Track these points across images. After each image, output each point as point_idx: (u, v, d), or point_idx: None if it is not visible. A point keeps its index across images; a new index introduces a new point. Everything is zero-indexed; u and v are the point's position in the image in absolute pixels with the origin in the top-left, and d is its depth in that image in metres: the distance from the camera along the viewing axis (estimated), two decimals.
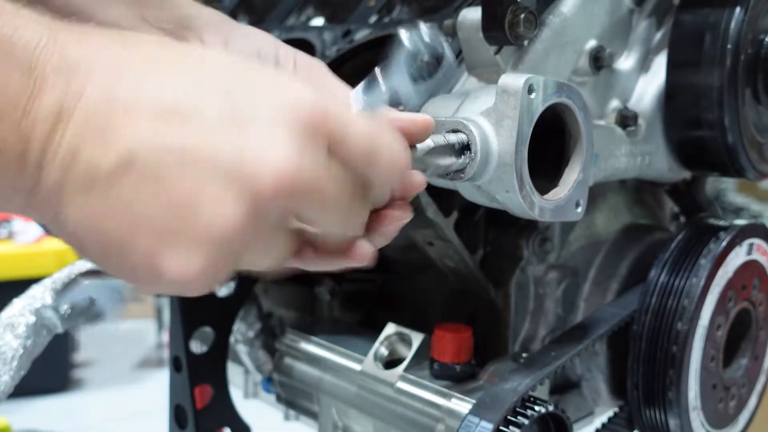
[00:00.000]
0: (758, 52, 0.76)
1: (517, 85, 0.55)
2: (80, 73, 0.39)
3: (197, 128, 0.39)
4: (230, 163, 0.39)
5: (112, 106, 0.39)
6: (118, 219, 0.40)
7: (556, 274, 0.81)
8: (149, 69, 0.41)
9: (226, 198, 0.39)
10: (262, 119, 0.40)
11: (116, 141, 0.39)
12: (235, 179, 0.39)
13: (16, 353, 0.76)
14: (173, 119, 0.39)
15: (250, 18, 1.03)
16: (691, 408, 0.77)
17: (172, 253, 0.40)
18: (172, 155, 0.39)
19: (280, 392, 0.91)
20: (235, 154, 0.39)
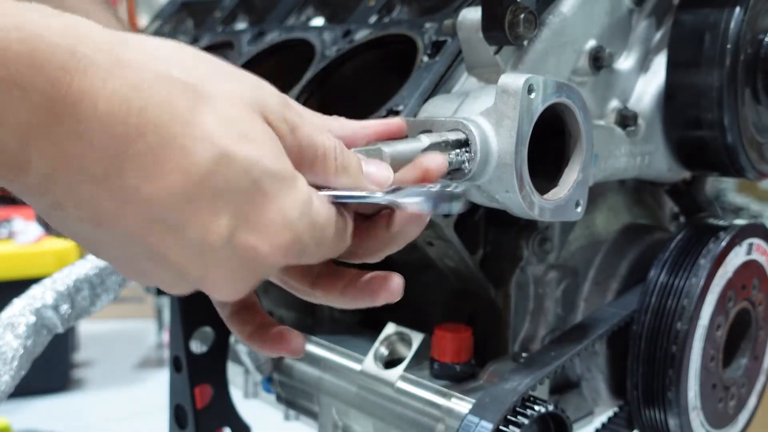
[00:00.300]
0: (758, 52, 0.76)
1: (517, 85, 0.55)
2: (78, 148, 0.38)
3: (176, 243, 0.41)
4: (193, 280, 0.43)
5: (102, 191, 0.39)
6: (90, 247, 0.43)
7: (556, 274, 0.81)
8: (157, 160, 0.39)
9: (180, 288, 0.44)
10: (238, 254, 0.42)
11: (99, 220, 0.40)
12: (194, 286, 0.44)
13: (17, 353, 0.76)
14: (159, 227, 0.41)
15: (250, 18, 1.04)
16: (690, 408, 0.77)
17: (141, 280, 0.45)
18: (148, 251, 0.41)
19: (280, 392, 0.91)
20: (201, 276, 0.42)
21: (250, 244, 0.42)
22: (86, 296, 0.83)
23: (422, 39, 0.73)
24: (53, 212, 0.41)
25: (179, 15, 1.12)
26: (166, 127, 0.39)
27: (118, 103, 0.38)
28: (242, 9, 1.03)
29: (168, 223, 0.40)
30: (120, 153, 0.38)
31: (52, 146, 0.37)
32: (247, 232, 0.42)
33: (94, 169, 0.38)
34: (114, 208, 0.39)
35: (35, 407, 2.80)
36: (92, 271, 0.85)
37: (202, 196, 0.40)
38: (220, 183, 0.40)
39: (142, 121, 0.38)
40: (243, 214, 0.41)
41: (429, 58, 0.71)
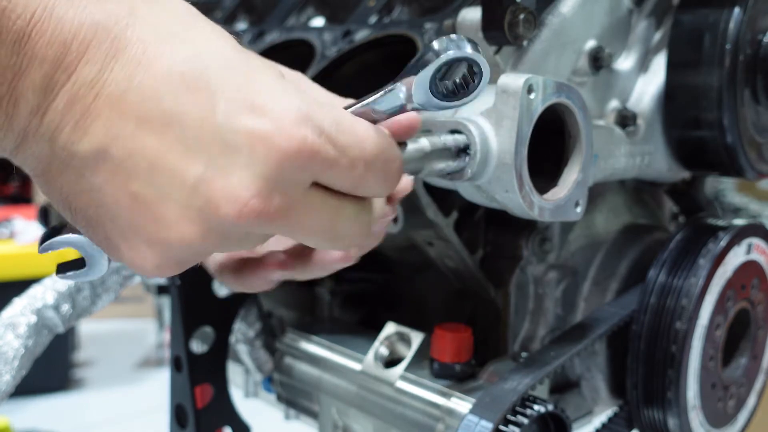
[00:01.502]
0: (757, 52, 0.76)
1: (517, 85, 0.55)
2: (71, 52, 0.38)
3: (175, 141, 0.39)
4: (195, 187, 0.39)
5: (97, 93, 0.39)
6: (85, 200, 0.41)
7: (556, 273, 0.81)
8: (144, 54, 0.39)
9: (184, 216, 0.40)
10: (240, 145, 0.39)
11: (94, 132, 0.39)
12: (197, 203, 0.39)
13: (18, 353, 0.77)
14: (153, 124, 0.39)
15: (250, 18, 1.04)
16: (690, 407, 0.77)
17: (129, 245, 0.41)
18: (145, 161, 0.39)
19: (280, 391, 0.91)
20: (203, 178, 0.39)
21: (253, 125, 0.39)
22: (87, 296, 0.83)
23: (422, 39, 0.73)
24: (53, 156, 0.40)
25: None
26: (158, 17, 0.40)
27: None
28: (242, 9, 1.04)
29: (163, 114, 0.39)
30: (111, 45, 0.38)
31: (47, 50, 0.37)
32: (248, 112, 0.39)
33: (88, 67, 0.38)
34: (108, 110, 0.39)
35: (35, 407, 2.80)
36: None
37: (195, 79, 0.39)
38: (214, 64, 0.40)
39: (133, 11, 0.39)
40: (241, 94, 0.40)
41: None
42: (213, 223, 0.40)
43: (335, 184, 0.42)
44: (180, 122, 0.39)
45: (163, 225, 0.40)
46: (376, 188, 0.44)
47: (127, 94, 0.39)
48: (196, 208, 0.39)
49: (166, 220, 0.40)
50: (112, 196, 0.40)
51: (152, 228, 0.40)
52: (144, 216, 0.40)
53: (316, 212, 0.42)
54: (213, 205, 0.39)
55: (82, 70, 0.38)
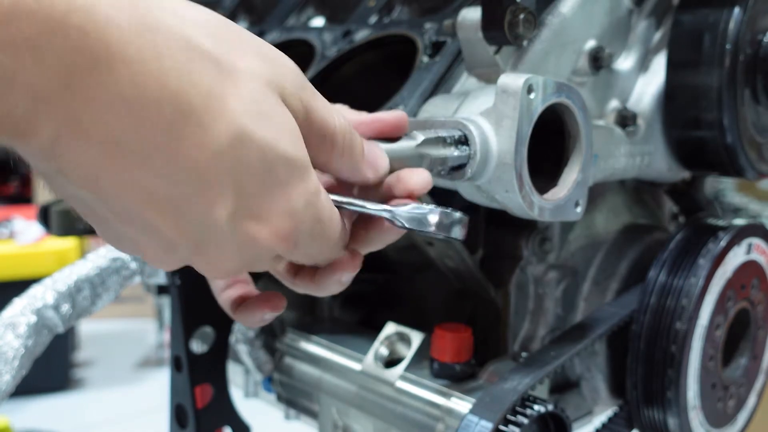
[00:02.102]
0: (757, 52, 0.76)
1: (517, 85, 0.55)
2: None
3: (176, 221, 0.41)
4: (187, 256, 0.43)
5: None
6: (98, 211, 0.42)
7: (556, 273, 0.81)
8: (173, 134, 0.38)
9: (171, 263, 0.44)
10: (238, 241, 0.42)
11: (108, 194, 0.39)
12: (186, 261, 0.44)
13: (18, 353, 0.76)
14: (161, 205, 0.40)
15: (250, 18, 1.04)
16: (690, 407, 0.77)
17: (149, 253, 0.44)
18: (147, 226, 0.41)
19: (280, 391, 0.91)
20: (194, 251, 0.42)
21: (251, 230, 0.42)
22: (87, 296, 0.83)
23: (422, 39, 0.73)
24: (55, 177, 0.39)
25: None
26: (186, 100, 0.37)
27: (137, 69, 0.35)
28: (242, 9, 1.04)
29: (172, 199, 0.39)
30: (133, 122, 0.36)
31: (62, 112, 0.35)
32: (250, 217, 0.41)
33: (103, 136, 0.36)
34: (118, 180, 0.37)
35: (35, 407, 2.80)
36: (93, 271, 0.85)
37: (212, 175, 0.39)
38: (233, 163, 0.39)
39: (161, 90, 0.36)
40: (249, 198, 0.41)
41: (429, 59, 0.71)
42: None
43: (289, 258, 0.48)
44: (186, 209, 0.40)
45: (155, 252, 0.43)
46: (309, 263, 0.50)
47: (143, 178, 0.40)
48: (180, 261, 0.44)
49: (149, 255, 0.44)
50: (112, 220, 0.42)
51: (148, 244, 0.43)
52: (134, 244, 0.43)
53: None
54: (195, 266, 0.45)
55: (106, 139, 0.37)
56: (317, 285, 0.52)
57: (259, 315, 0.57)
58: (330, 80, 0.81)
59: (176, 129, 0.37)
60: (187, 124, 0.37)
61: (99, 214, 0.41)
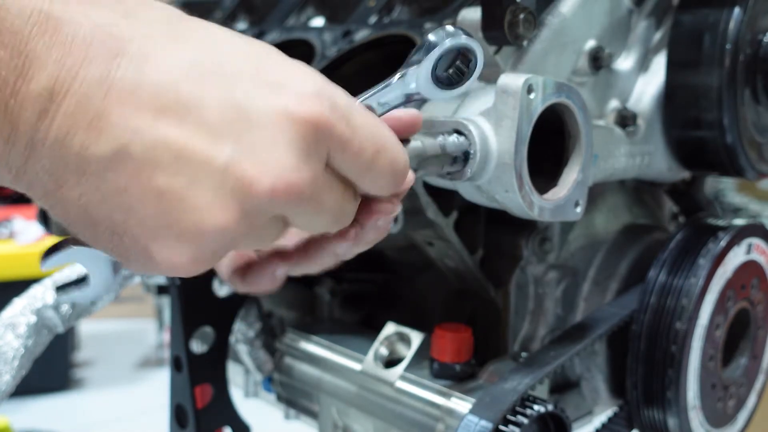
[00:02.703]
0: (757, 52, 0.76)
1: (517, 85, 0.55)
2: (74, 52, 0.37)
3: (196, 126, 0.38)
4: (226, 168, 0.39)
5: (107, 91, 0.37)
6: (109, 206, 0.39)
7: (556, 273, 0.81)
8: (151, 49, 0.38)
9: (218, 200, 0.39)
10: (265, 121, 0.39)
11: (110, 131, 0.37)
12: (230, 185, 0.39)
13: (17, 353, 0.77)
14: (172, 113, 0.38)
15: (250, 18, 1.04)
16: (690, 407, 0.77)
17: (162, 243, 0.40)
18: (168, 152, 0.38)
19: (280, 391, 0.91)
20: (233, 158, 0.38)
21: (274, 102, 0.39)
22: None
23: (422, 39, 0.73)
24: (65, 165, 0.38)
25: None
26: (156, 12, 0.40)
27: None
28: (242, 9, 1.04)
29: (180, 102, 0.38)
30: (114, 43, 0.37)
31: (49, 52, 0.36)
32: (268, 91, 0.39)
33: (93, 67, 0.37)
34: (122, 107, 0.37)
35: (35, 407, 2.80)
36: None
37: (209, 64, 0.39)
38: (225, 50, 0.40)
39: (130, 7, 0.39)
40: (257, 75, 0.40)
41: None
42: (247, 204, 0.39)
43: (344, 167, 0.43)
44: (199, 107, 0.38)
45: (196, 214, 0.39)
46: (382, 181, 0.44)
47: (140, 87, 0.38)
48: (229, 190, 0.39)
49: (199, 209, 0.39)
50: (138, 195, 0.38)
51: (185, 220, 0.39)
52: (175, 209, 0.39)
53: (332, 190, 0.43)
54: (246, 184, 0.39)
55: (88, 69, 0.37)
56: (311, 256, 0.51)
57: (270, 272, 0.53)
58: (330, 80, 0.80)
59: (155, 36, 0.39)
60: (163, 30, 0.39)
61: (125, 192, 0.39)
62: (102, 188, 0.38)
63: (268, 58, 0.42)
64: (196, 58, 0.39)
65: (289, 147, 0.39)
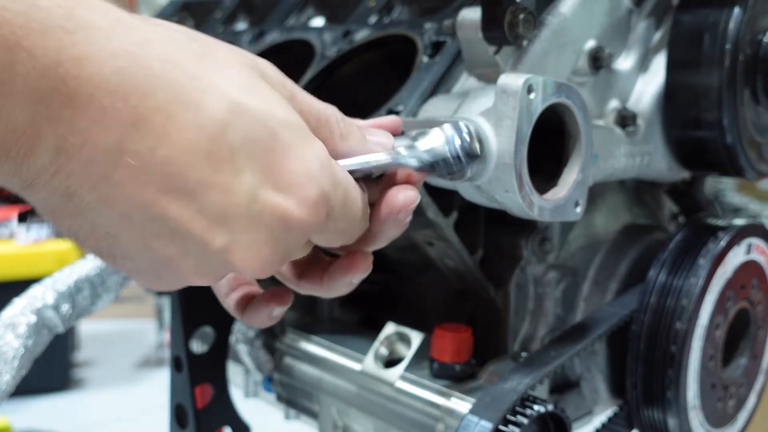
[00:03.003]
0: (757, 53, 0.76)
1: (517, 85, 0.55)
2: (87, 117, 0.36)
3: (199, 212, 0.39)
4: (218, 253, 0.41)
5: (117, 162, 0.37)
6: (98, 242, 0.41)
7: (556, 273, 0.81)
8: (166, 127, 0.38)
9: (201, 271, 0.42)
10: (265, 221, 0.41)
11: (113, 198, 0.38)
12: (217, 265, 0.42)
13: (18, 353, 0.77)
14: (178, 196, 0.39)
15: (250, 18, 1.04)
16: (690, 407, 0.77)
17: (143, 276, 0.43)
18: (167, 227, 0.39)
19: (280, 391, 0.91)
20: (225, 248, 0.40)
21: (277, 203, 0.41)
22: (87, 296, 0.83)
23: (422, 39, 0.73)
24: (64, 204, 0.38)
25: (179, 15, 1.12)
26: (176, 83, 0.38)
27: (124, 61, 0.36)
28: (242, 9, 1.04)
29: (188, 187, 0.38)
30: (130, 114, 0.36)
31: (62, 112, 0.35)
32: (273, 189, 0.40)
33: (105, 135, 0.36)
34: (129, 179, 0.37)
35: (35, 407, 2.80)
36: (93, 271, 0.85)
37: (220, 151, 0.39)
38: (237, 135, 0.39)
39: (151, 78, 0.37)
40: (265, 168, 0.40)
41: (429, 59, 0.71)
42: (224, 275, 0.44)
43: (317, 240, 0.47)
44: (204, 195, 0.39)
45: (177, 274, 0.42)
46: (339, 242, 0.48)
47: (149, 166, 0.38)
48: (215, 266, 0.42)
49: (181, 272, 0.42)
50: (129, 244, 0.40)
51: (165, 272, 0.42)
52: (159, 263, 0.41)
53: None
54: (230, 268, 0.42)
55: (99, 137, 0.36)
56: (325, 286, 0.52)
57: (267, 312, 0.55)
58: (330, 80, 0.81)
59: (174, 112, 0.38)
60: (183, 104, 0.38)
61: (120, 242, 0.40)
62: (95, 230, 0.40)
63: (283, 145, 0.42)
64: (210, 142, 0.39)
65: (279, 245, 0.42)
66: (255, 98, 0.40)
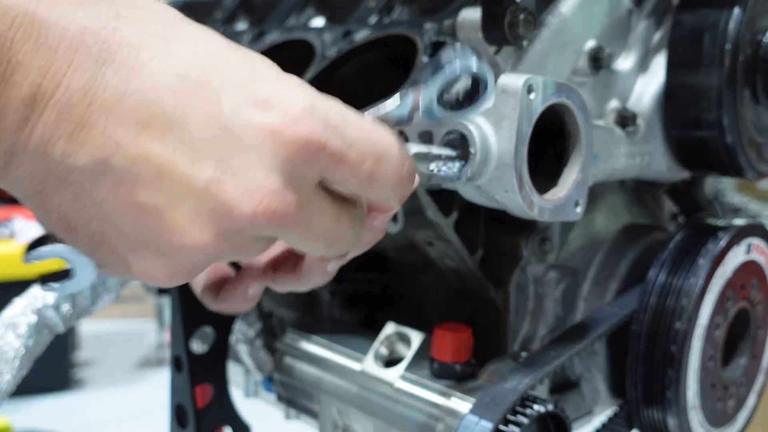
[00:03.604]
0: (757, 53, 0.76)
1: (517, 85, 0.55)
2: (59, 59, 0.36)
3: (179, 143, 0.37)
4: (207, 189, 0.38)
5: (91, 101, 0.36)
6: (87, 216, 0.39)
7: (556, 273, 0.81)
8: (139, 57, 0.37)
9: (197, 221, 0.38)
10: (251, 141, 0.38)
11: (92, 142, 0.37)
12: (210, 206, 0.38)
13: (18, 353, 0.77)
14: (156, 128, 0.37)
15: (250, 18, 1.04)
16: (690, 407, 0.77)
17: (139, 256, 0.40)
18: (150, 168, 0.37)
19: (280, 391, 0.91)
20: (214, 179, 0.38)
21: (260, 119, 0.38)
22: (87, 296, 0.83)
23: (422, 39, 0.73)
24: (47, 171, 0.37)
25: None
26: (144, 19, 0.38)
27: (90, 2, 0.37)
28: (242, 9, 1.04)
29: (164, 116, 0.37)
30: (100, 50, 0.36)
31: (33, 57, 0.35)
32: (254, 107, 0.38)
33: (78, 74, 0.36)
34: (105, 118, 0.36)
35: (35, 407, 2.80)
36: None
37: (195, 76, 0.38)
38: (211, 62, 0.38)
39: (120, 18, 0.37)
40: (245, 89, 0.38)
41: (429, 58, 0.71)
42: (227, 226, 0.39)
43: (343, 182, 0.41)
44: (184, 124, 0.37)
45: (174, 233, 0.38)
46: (388, 190, 0.43)
47: (124, 99, 0.36)
48: (208, 211, 0.38)
49: (177, 228, 0.38)
50: (117, 208, 0.38)
51: (163, 237, 0.39)
52: (153, 226, 0.38)
53: (323, 214, 0.41)
54: (227, 206, 0.38)
55: (72, 77, 0.36)
56: (300, 276, 0.50)
57: (242, 291, 0.53)
58: (330, 80, 0.81)
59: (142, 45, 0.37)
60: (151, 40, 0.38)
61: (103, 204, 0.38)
62: (81, 198, 0.38)
63: (260, 71, 0.40)
64: (184, 70, 0.38)
65: (274, 169, 0.38)
66: (224, 42, 0.40)
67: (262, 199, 0.38)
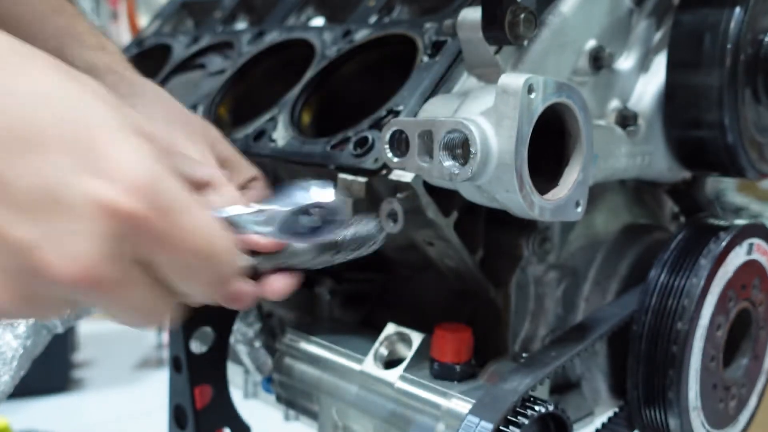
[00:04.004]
0: (758, 52, 0.76)
1: (517, 85, 0.55)
2: None
3: (4, 204, 0.35)
4: (23, 250, 0.36)
5: None
6: None
7: (556, 274, 0.81)
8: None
9: (5, 277, 0.36)
10: (75, 209, 0.36)
11: None
12: (22, 266, 0.36)
13: (16, 353, 0.76)
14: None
15: (250, 18, 1.04)
16: (691, 408, 0.77)
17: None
18: None
19: (280, 392, 0.91)
20: (33, 242, 0.36)
21: (95, 188, 0.36)
22: None
23: (422, 39, 0.73)
24: None
25: (179, 15, 1.12)
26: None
27: None
28: (242, 9, 1.04)
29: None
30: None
31: None
32: (91, 175, 0.36)
33: None
34: None
35: (35, 407, 2.80)
36: None
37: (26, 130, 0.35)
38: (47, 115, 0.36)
39: None
40: (82, 151, 0.36)
41: (429, 58, 0.71)
42: (34, 287, 0.37)
43: (161, 266, 0.40)
44: (10, 184, 0.35)
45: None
46: (199, 290, 0.42)
47: None
48: (19, 271, 0.36)
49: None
50: None
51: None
52: None
53: (137, 290, 0.40)
54: (42, 271, 0.36)
55: None
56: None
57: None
58: (330, 80, 0.80)
59: None
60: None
61: None
62: None
63: (103, 126, 0.37)
64: (10, 123, 0.35)
65: (95, 239, 0.36)
66: (73, 86, 0.37)
67: (79, 265, 0.36)
